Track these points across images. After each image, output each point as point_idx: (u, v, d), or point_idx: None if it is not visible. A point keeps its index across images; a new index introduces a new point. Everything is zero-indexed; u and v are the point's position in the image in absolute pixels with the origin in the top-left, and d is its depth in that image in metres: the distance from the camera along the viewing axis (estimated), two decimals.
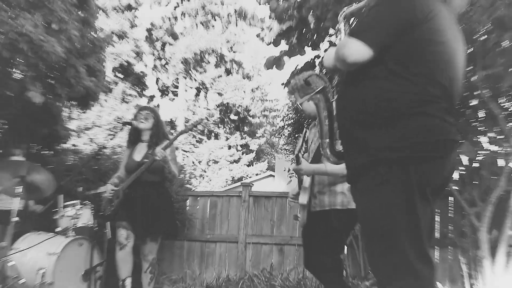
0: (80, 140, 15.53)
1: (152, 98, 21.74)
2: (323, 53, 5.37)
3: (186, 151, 21.01)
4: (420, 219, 1.70)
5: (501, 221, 4.95)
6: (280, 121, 11.49)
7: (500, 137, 5.00)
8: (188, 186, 7.25)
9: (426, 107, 1.73)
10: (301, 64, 5.67)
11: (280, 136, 9.87)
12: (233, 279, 5.92)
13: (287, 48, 5.55)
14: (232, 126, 22.80)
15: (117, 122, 18.84)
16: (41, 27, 4.89)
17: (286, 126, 8.35)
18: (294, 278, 5.65)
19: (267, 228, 6.33)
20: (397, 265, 1.68)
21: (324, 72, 5.67)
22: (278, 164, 16.62)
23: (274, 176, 17.57)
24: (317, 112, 2.27)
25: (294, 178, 8.78)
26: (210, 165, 21.73)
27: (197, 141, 22.34)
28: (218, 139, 22.39)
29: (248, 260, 6.23)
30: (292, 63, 7.93)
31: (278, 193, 6.61)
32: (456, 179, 5.17)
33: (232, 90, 22.07)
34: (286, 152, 9.07)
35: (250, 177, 19.35)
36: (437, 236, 5.49)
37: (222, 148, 22.02)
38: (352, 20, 3.32)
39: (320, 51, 5.56)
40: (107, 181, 4.52)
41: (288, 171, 8.83)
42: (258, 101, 22.89)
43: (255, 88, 22.83)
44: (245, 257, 6.23)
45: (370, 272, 5.16)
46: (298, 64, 5.69)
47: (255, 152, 22.94)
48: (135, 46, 20.50)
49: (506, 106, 5.17)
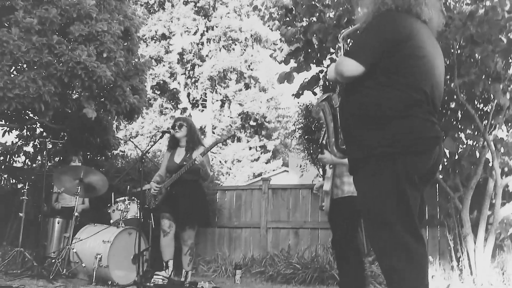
0: (126, 147, 15.67)
1: (184, 110, 21.83)
2: (326, 68, 5.39)
3: (214, 153, 21.09)
4: (409, 203, 1.71)
5: (480, 203, 5.01)
6: (292, 125, 11.45)
7: (476, 133, 5.04)
8: (216, 182, 7.27)
9: (411, 110, 1.74)
10: (308, 78, 5.69)
11: (292, 138, 9.84)
12: (257, 259, 5.96)
13: (295, 65, 5.57)
14: (251, 131, 22.79)
15: (157, 131, 18.99)
16: (94, 56, 5.01)
17: (297, 130, 8.33)
18: (308, 256, 5.64)
19: (284, 214, 6.33)
20: (392, 241, 1.69)
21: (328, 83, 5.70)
22: (291, 161, 16.53)
23: (288, 171, 17.48)
24: (324, 116, 2.30)
25: (305, 172, 8.78)
26: (234, 164, 21.80)
27: (223, 144, 22.38)
28: (240, 142, 22.42)
29: (269, 242, 6.23)
30: (300, 78, 7.91)
31: (293, 185, 6.65)
32: (441, 169, 5.15)
33: (251, 101, 22.08)
34: (298, 151, 9.03)
35: (268, 173, 19.26)
36: (427, 217, 5.45)
37: (244, 149, 22.05)
38: (349, 40, 3.35)
39: (323, 67, 5.57)
40: (150, 180, 4.59)
41: (300, 167, 8.83)
42: (272, 109, 22.83)
43: (270, 98, 22.77)
44: (266, 240, 6.24)
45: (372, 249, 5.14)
46: (306, 78, 5.70)
47: (271, 151, 22.90)
48: (169, 68, 20.66)
49: (480, 108, 5.25)
